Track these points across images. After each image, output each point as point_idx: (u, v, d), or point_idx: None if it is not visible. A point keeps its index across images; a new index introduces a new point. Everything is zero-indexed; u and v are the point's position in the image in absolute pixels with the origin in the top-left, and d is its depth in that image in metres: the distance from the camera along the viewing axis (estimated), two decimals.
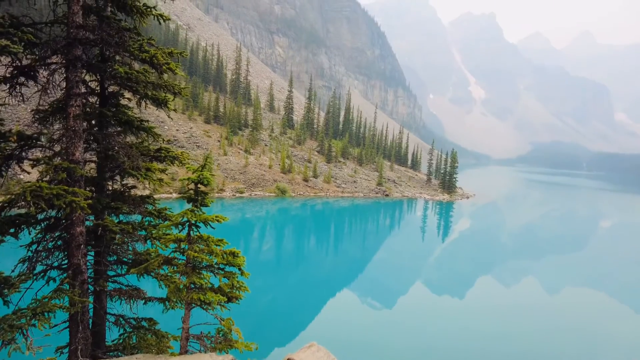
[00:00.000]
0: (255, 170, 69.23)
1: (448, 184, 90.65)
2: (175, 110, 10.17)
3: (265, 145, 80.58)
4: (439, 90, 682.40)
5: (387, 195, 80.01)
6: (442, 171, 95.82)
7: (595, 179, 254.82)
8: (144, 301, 9.26)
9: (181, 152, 9.78)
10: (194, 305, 8.08)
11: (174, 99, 10.09)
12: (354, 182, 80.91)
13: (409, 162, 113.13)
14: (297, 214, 58.78)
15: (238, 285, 8.18)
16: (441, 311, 26.45)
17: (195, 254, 7.74)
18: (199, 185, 8.13)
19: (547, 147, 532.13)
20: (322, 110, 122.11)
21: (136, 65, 9.69)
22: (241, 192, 62.90)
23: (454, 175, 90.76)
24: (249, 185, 65.75)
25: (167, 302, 8.78)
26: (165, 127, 68.31)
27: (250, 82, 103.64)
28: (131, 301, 9.02)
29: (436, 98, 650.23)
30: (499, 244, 51.85)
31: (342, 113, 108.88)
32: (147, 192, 48.18)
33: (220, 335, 8.42)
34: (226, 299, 8.10)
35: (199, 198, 8.11)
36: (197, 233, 8.24)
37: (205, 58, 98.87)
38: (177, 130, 70.11)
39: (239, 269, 8.27)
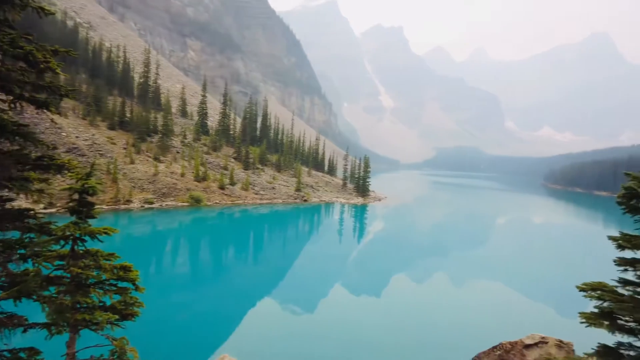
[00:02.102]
0: (167, 178, 65.61)
1: (362, 188, 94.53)
2: (59, 115, 9.22)
3: (178, 152, 76.83)
4: (353, 99, 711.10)
5: (305, 200, 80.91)
6: (356, 176, 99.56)
7: (491, 179, 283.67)
8: (23, 329, 8.19)
9: (68, 160, 8.86)
10: (80, 327, 7.33)
11: (60, 102, 9.16)
12: (273, 188, 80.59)
13: (326, 167, 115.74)
14: (213, 223, 56.84)
15: (132, 302, 7.61)
16: (361, 312, 27.26)
17: (80, 270, 7.04)
18: (84, 196, 7.42)
19: (450, 151, 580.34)
20: (238, 116, 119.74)
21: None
22: (151, 203, 59.11)
23: (367, 180, 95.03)
24: (159, 195, 62.05)
25: (52, 326, 7.86)
26: (63, 133, 61.83)
27: (160, 86, 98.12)
28: (5, 331, 7.92)
29: (350, 106, 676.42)
30: (410, 243, 55.07)
31: (260, 119, 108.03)
32: (41, 206, 43.14)
33: (115, 357, 7.75)
34: (119, 317, 7.48)
35: (84, 209, 7.40)
36: (84, 248, 7.51)
37: (110, 60, 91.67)
38: (76, 137, 63.85)
39: (133, 284, 7.70)
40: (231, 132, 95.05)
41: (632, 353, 8.83)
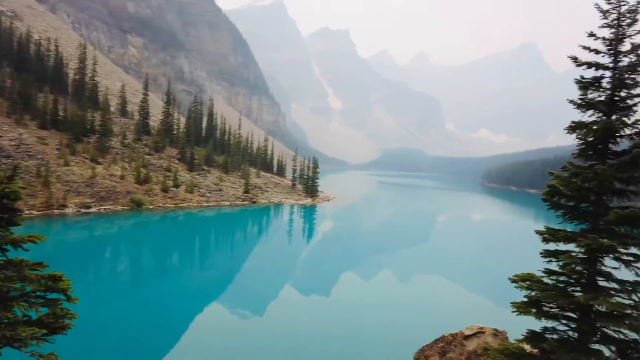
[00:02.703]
0: (105, 181, 61.96)
1: (311, 189, 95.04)
2: None
3: (117, 153, 72.81)
4: (301, 100, 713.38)
5: (254, 202, 79.87)
6: (305, 177, 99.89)
7: (433, 179, 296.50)
8: None
9: None
10: (0, 345, 6.69)
11: None
12: (220, 190, 78.73)
13: (275, 168, 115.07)
14: (155, 227, 54.47)
15: (63, 314, 7.08)
16: (308, 312, 27.32)
17: (1, 283, 6.43)
18: (5, 201, 6.79)
19: (395, 152, 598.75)
20: (182, 115, 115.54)
21: None
22: (88, 207, 55.51)
23: (316, 180, 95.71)
24: (97, 199, 58.43)
25: None
26: None
27: (98, 84, 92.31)
28: None
29: (298, 107, 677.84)
30: (358, 242, 56.07)
31: (205, 119, 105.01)
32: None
33: None
34: (46, 332, 6.92)
35: (5, 216, 6.78)
36: (5, 258, 6.88)
37: (40, 53, 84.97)
38: (0, 136, 58.65)
39: (65, 295, 7.17)
40: (175, 132, 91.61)
41: (555, 336, 9.60)
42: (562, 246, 9.58)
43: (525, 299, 9.66)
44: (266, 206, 79.63)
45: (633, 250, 8.94)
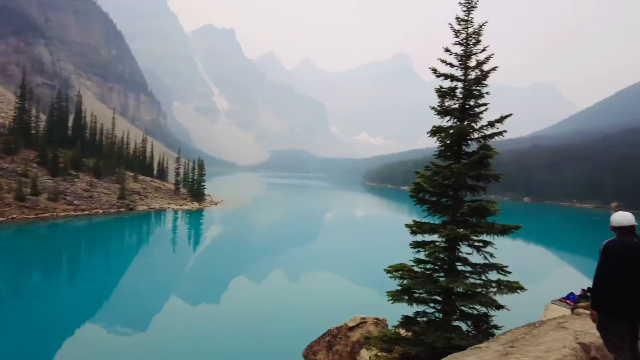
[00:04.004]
0: None
1: (197, 193, 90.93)
2: None
3: None
4: (185, 99, 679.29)
5: (131, 209, 73.38)
6: (190, 180, 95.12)
7: (320, 179, 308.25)
8: None
9: None
10: None
11: None
12: (91, 197, 70.54)
13: (155, 171, 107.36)
14: (6, 244, 46.50)
15: None
16: (196, 320, 26.04)
17: None
18: None
19: (284, 154, 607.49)
20: (43, 112, 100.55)
21: None
22: None
23: (202, 184, 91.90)
24: None
25: None
26: None
27: None
28: None
29: (182, 106, 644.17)
30: (248, 244, 55.33)
31: (72, 117, 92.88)
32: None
33: None
34: None
35: None
36: None
37: None
38: None
39: None
40: (33, 132, 79.44)
41: (425, 319, 10.73)
42: (427, 237, 10.74)
43: (399, 287, 10.59)
44: (146, 213, 73.91)
45: (482, 237, 10.42)
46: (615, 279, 4.67)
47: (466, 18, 10.53)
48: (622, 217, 4.89)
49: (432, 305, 10.77)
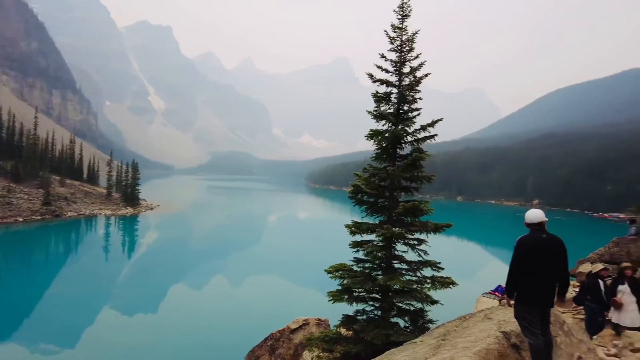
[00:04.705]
0: None
1: (131, 197, 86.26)
2: None
3: None
4: (118, 98, 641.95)
5: (58, 215, 67.98)
6: (123, 184, 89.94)
7: (263, 182, 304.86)
8: None
9: None
10: None
11: None
12: (9, 204, 64.37)
13: (85, 175, 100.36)
14: None
15: None
16: (133, 332, 24.63)
17: None
18: None
19: (225, 156, 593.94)
20: None
21: None
22: None
23: (137, 187, 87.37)
24: None
25: None
26: None
27: None
28: None
29: (114, 105, 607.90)
30: (187, 250, 53.35)
31: None
32: None
33: None
34: None
35: None
36: None
37: None
38: None
39: None
40: None
41: (364, 317, 11.00)
42: (366, 237, 11.03)
43: (339, 287, 10.78)
44: (75, 220, 68.91)
45: (417, 235, 10.89)
46: (527, 271, 5.12)
47: (400, 26, 10.97)
48: (533, 215, 5.38)
49: (371, 303, 11.07)
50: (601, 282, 9.64)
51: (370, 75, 11.09)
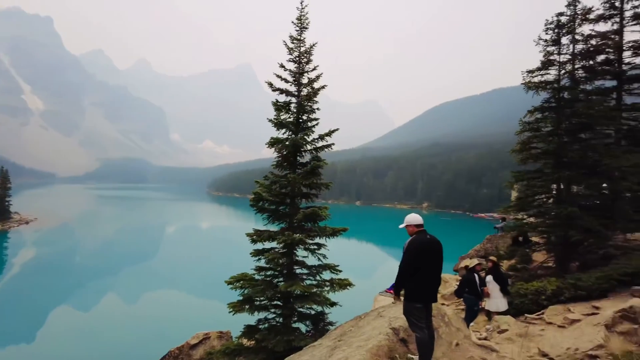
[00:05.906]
0: None
1: (0, 210, 74.65)
2: None
3: None
4: None
5: None
6: None
7: (159, 190, 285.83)
8: None
9: None
10: None
11: None
12: None
13: None
14: None
15: None
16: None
17: None
18: None
19: (117, 163, 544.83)
20: None
21: None
22: None
23: (8, 199, 76.08)
24: None
25: None
26: None
27: None
28: None
29: None
30: (72, 268, 47.79)
31: None
32: None
33: None
34: None
35: None
36: None
37: None
38: None
39: None
40: None
41: (266, 325, 10.97)
42: (267, 244, 11.05)
43: (241, 297, 10.61)
44: None
45: (317, 240, 11.22)
46: (413, 270, 5.61)
47: (299, 37, 11.29)
48: (415, 217, 5.89)
49: (273, 311, 11.08)
50: (476, 276, 10.93)
51: (270, 84, 11.22)
